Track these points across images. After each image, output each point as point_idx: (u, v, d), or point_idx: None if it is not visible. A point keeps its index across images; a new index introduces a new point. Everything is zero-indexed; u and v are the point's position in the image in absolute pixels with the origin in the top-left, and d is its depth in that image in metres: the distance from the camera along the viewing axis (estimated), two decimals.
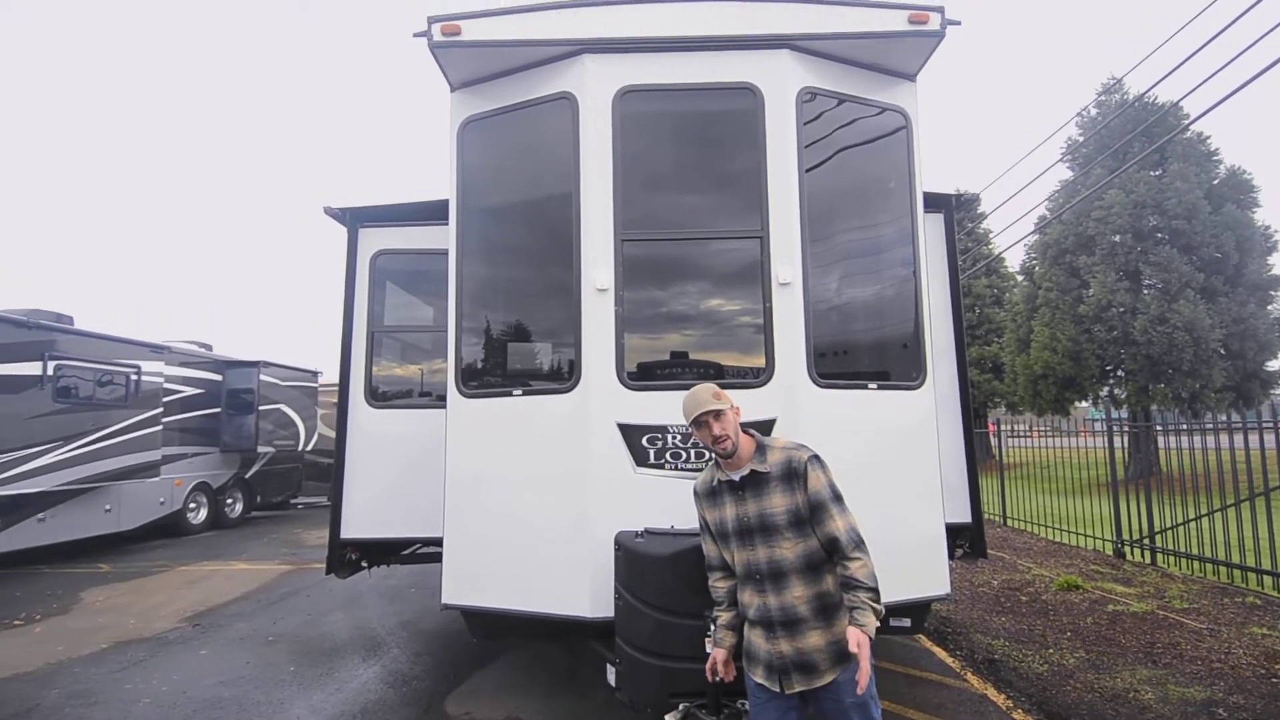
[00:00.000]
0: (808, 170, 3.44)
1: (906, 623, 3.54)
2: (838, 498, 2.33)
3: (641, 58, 3.44)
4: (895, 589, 3.35)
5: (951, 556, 4.61)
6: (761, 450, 2.40)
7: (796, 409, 3.23)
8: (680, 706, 2.69)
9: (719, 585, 2.57)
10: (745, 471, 2.39)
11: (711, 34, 3.41)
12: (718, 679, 2.51)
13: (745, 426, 2.46)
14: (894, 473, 3.44)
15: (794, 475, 2.34)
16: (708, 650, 2.58)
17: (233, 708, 4.52)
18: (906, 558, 3.38)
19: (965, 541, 4.58)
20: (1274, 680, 4.48)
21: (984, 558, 4.73)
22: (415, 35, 3.43)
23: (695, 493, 2.58)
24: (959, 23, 3.42)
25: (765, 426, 3.19)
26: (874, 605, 2.18)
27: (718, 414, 2.37)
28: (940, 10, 3.39)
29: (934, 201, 4.76)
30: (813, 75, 3.49)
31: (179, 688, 4.89)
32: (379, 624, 6.42)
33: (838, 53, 3.52)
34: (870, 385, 3.48)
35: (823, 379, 3.31)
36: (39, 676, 5.19)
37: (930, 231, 4.67)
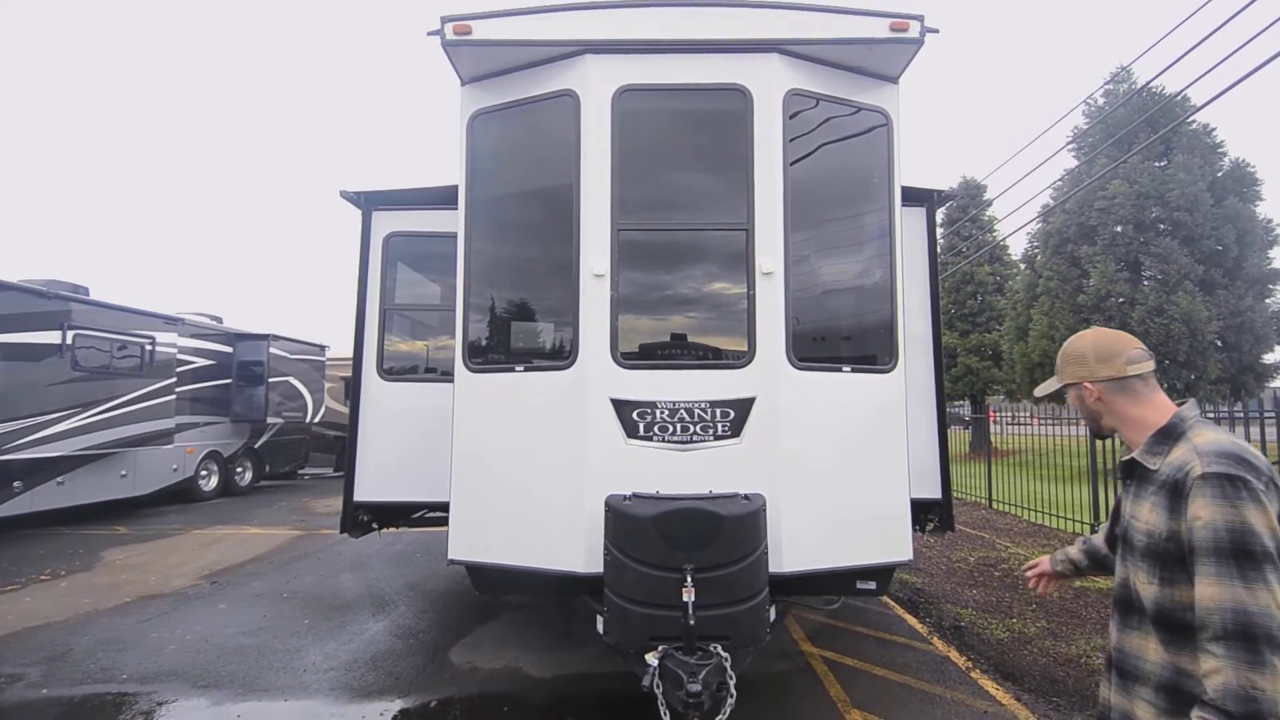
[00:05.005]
0: (792, 164, 3.69)
1: (873, 585, 3.84)
2: (1224, 554, 1.39)
3: (640, 58, 3.67)
4: (864, 554, 3.70)
5: (923, 530, 4.95)
6: (1165, 438, 1.61)
7: (775, 389, 3.51)
8: (659, 648, 3.00)
9: (1097, 537, 2.04)
10: (1130, 456, 1.68)
11: (705, 37, 3.64)
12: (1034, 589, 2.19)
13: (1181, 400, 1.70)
14: (864, 448, 3.73)
15: (1177, 490, 1.51)
16: (685, 599, 2.91)
17: (253, 654, 4.89)
18: (874, 526, 3.69)
19: (935, 516, 4.88)
20: None
21: (952, 530, 5.04)
22: (429, 34, 3.66)
23: None
24: (937, 30, 3.64)
25: (746, 405, 3.49)
26: None
27: (1065, 391, 1.79)
28: (920, 19, 3.61)
29: (916, 196, 4.99)
30: (800, 78, 3.72)
31: (201, 636, 5.26)
32: (386, 584, 6.79)
33: (824, 57, 3.74)
34: (844, 368, 3.75)
35: (800, 361, 3.58)
36: (70, 625, 5.56)
37: (911, 225, 4.91)
